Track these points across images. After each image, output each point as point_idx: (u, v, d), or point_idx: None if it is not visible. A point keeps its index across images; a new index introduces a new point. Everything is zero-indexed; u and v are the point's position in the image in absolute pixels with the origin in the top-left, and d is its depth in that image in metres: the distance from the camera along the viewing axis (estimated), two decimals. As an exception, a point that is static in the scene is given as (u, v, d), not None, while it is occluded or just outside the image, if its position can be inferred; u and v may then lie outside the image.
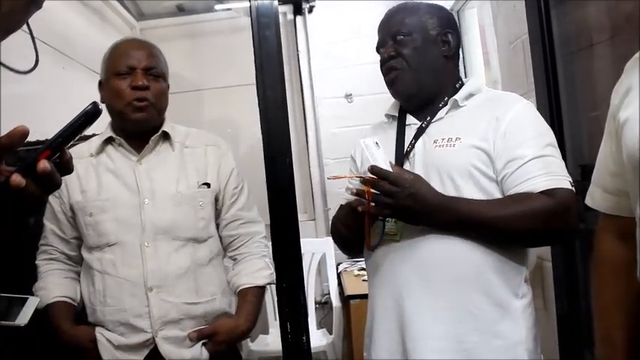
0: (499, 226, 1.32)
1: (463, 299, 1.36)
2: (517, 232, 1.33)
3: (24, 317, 0.77)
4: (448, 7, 3.45)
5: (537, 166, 1.33)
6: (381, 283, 1.48)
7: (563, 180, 1.33)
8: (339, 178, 1.46)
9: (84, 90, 2.77)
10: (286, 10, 4.05)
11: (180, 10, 4.07)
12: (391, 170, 1.34)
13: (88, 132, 1.78)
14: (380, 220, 1.44)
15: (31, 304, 0.79)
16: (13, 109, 2.22)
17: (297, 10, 4.04)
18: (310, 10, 4.05)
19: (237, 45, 3.37)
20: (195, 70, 3.96)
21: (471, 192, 1.37)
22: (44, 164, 0.67)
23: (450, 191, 1.38)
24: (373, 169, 1.33)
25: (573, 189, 1.34)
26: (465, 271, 1.36)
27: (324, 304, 3.95)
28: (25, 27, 0.91)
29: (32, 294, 1.70)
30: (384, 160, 1.36)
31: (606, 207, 1.18)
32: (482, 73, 3.46)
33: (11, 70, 0.83)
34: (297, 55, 4.06)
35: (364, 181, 1.36)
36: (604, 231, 1.22)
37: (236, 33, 3.91)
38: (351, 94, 4.03)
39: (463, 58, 3.64)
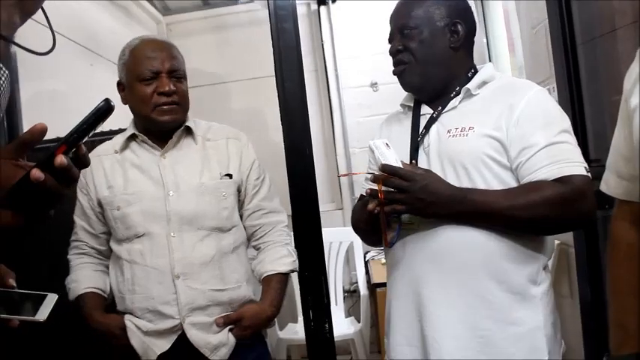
0: (513, 216, 1.32)
1: (477, 287, 1.37)
2: (532, 220, 1.33)
3: (43, 313, 0.82)
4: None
5: (550, 153, 1.32)
6: (398, 272, 1.50)
7: (577, 166, 1.32)
8: (350, 175, 1.48)
9: (112, 85, 2.84)
10: (310, 0, 4.06)
11: (205, 4, 4.11)
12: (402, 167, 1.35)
13: (114, 127, 1.85)
14: (396, 217, 1.44)
15: (50, 301, 0.83)
16: (42, 106, 2.30)
17: (321, 0, 4.05)
18: (334, 0, 4.04)
19: (261, 37, 3.39)
20: (221, 63, 3.98)
21: (485, 181, 1.37)
22: (61, 159, 0.72)
23: (464, 181, 1.38)
24: (384, 168, 1.34)
25: (589, 175, 1.33)
26: (480, 259, 1.37)
27: (352, 293, 3.97)
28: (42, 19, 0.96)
29: (56, 284, 1.77)
30: (395, 159, 1.37)
31: (620, 193, 1.17)
32: (508, 58, 3.43)
33: (29, 51, 0.89)
34: (322, 44, 4.06)
35: (375, 178, 1.37)
36: (619, 216, 1.21)
37: (260, 25, 3.93)
38: (376, 83, 4.00)
39: (487, 43, 3.60)
